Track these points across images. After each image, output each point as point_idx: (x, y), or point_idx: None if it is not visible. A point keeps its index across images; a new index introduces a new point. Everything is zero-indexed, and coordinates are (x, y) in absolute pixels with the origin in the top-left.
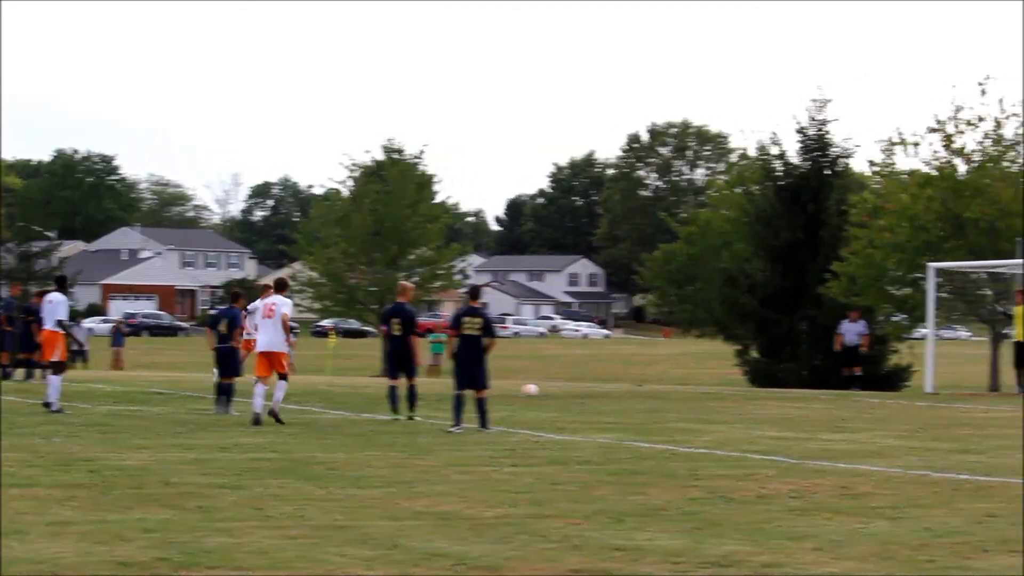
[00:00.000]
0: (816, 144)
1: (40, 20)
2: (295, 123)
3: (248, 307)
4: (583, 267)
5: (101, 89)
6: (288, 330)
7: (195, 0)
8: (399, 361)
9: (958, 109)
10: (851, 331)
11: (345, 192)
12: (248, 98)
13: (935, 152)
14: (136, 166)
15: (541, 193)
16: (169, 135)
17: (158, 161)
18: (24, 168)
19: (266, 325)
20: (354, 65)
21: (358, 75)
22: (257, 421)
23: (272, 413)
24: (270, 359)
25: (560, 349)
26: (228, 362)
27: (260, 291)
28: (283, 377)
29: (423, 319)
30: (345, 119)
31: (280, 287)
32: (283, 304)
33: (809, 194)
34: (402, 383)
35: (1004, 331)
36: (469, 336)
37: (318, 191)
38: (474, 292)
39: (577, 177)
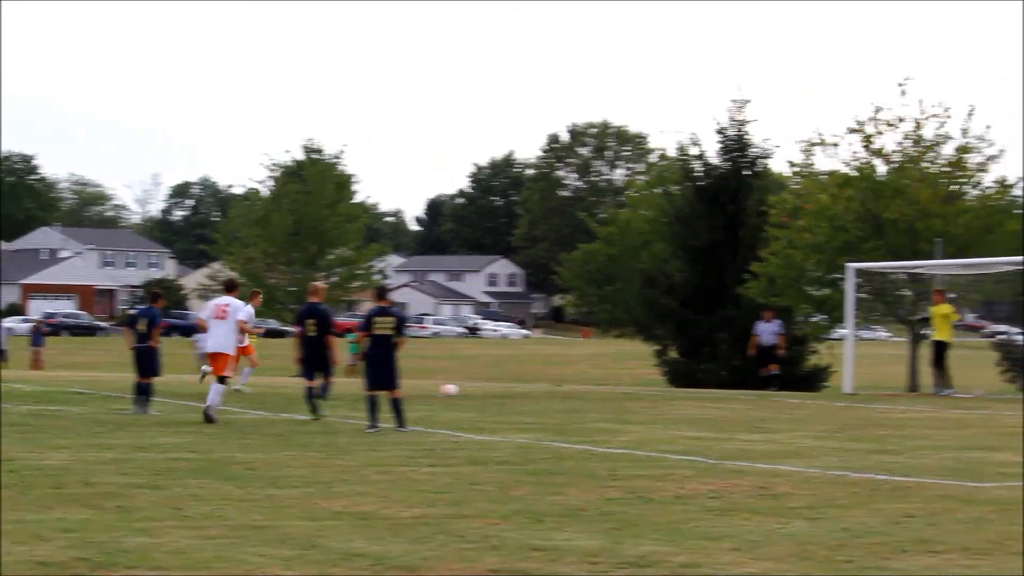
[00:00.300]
0: (735, 145)
1: None
2: (215, 123)
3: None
4: (502, 267)
5: (26, 83)
6: (243, 333)
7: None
8: (315, 361)
9: (878, 110)
10: (766, 331)
11: (265, 192)
12: (167, 97)
13: (855, 153)
14: (55, 165)
15: (461, 193)
16: (92, 133)
17: (78, 159)
18: None
19: (217, 326)
20: (274, 64)
21: (278, 74)
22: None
23: (205, 412)
24: (215, 360)
25: (479, 349)
26: (147, 362)
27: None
28: (222, 380)
29: (343, 319)
30: (265, 119)
31: (230, 288)
32: (239, 308)
33: (728, 195)
34: (318, 383)
35: (923, 331)
36: (381, 336)
37: (238, 191)
38: (381, 292)
39: (497, 177)
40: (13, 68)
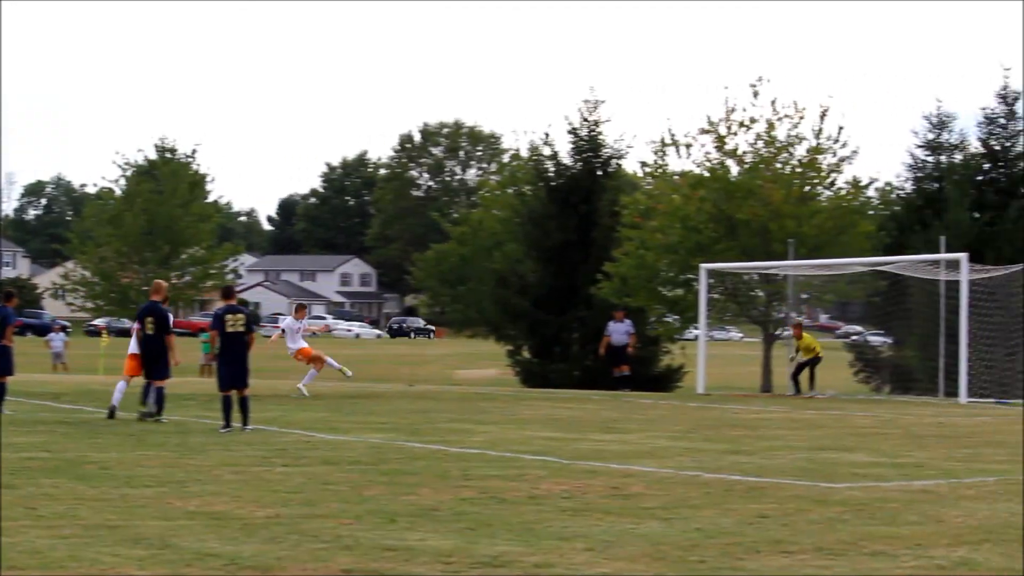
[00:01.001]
0: (588, 145)
1: None
2: (69, 121)
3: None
4: (355, 267)
5: None
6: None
7: None
8: (150, 360)
9: (731, 110)
10: (618, 331)
11: (118, 191)
12: (21, 96)
13: (707, 153)
14: None
15: (313, 193)
16: None
17: None
18: None
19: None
20: (126, 62)
21: (130, 73)
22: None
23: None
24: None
25: (332, 349)
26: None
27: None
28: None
29: (196, 318)
30: (118, 118)
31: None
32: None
33: (581, 195)
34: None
35: (776, 332)
36: (234, 334)
37: (91, 190)
38: (228, 291)
39: (349, 177)
40: None
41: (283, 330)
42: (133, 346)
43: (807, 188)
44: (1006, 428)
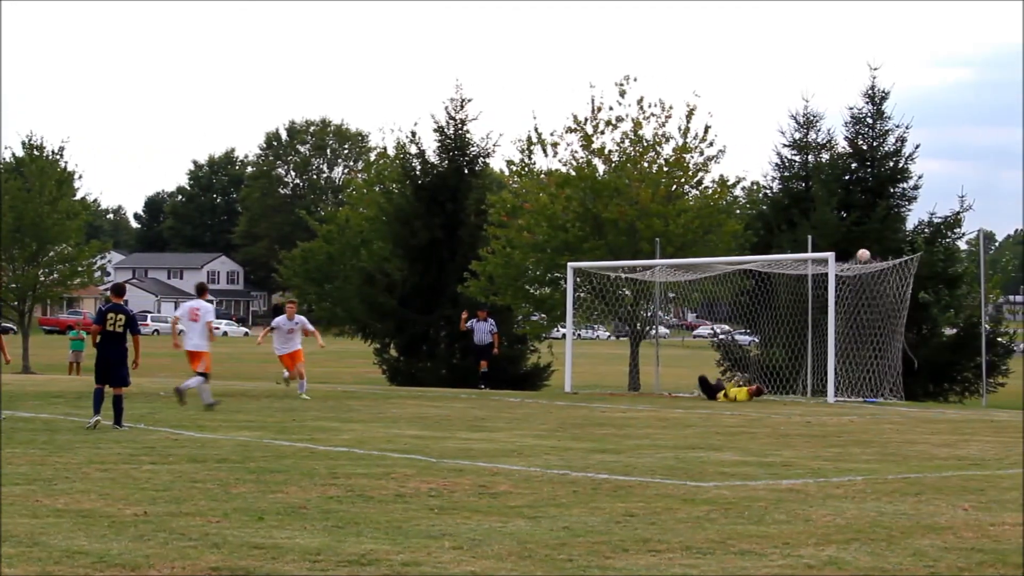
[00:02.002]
0: (454, 143)
1: None
2: None
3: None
4: (222, 265)
5: None
6: (211, 332)
7: None
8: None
9: (597, 109)
10: (481, 330)
11: None
12: None
13: (574, 152)
14: None
15: (180, 190)
16: None
17: None
18: None
19: (192, 327)
20: None
21: None
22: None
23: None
24: (193, 357)
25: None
26: None
27: None
28: (203, 375)
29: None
30: None
31: (200, 291)
32: (207, 311)
33: (447, 193)
34: None
35: (646, 330)
36: (113, 332)
37: None
38: (117, 289)
39: (216, 175)
40: None
41: (272, 328)
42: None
43: (674, 187)
44: (873, 427)
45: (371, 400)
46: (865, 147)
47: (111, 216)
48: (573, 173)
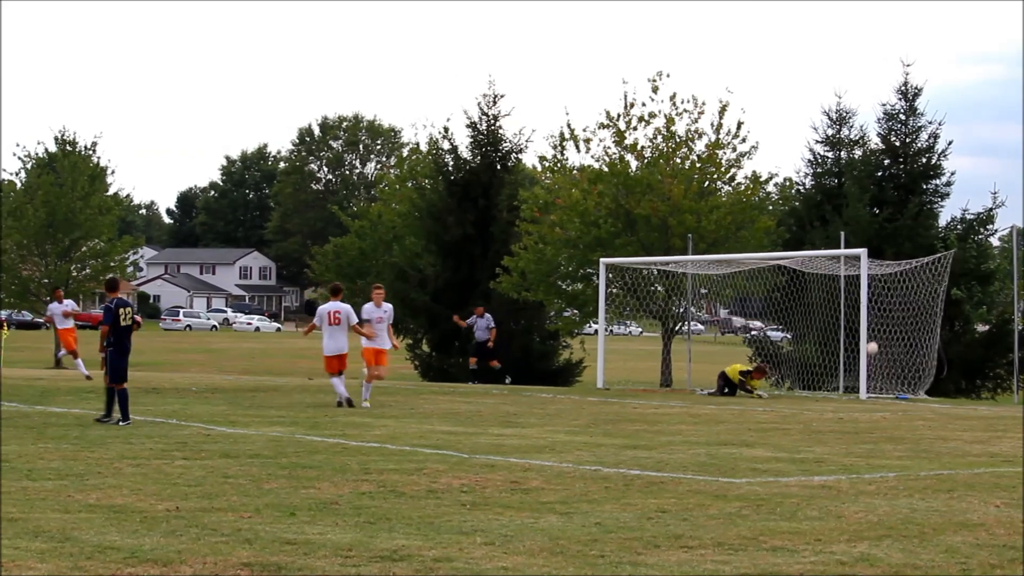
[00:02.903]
0: (487, 139)
1: None
2: None
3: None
4: (255, 260)
5: None
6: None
7: None
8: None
9: (630, 105)
10: (480, 327)
11: (18, 184)
12: None
13: (606, 148)
14: None
15: (213, 186)
16: None
17: None
18: None
19: (333, 331)
20: (24, 53)
21: (28, 63)
22: (350, 403)
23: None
24: (338, 360)
25: (231, 343)
26: None
27: None
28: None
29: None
30: (17, 109)
31: (335, 292)
32: (348, 312)
33: (479, 189)
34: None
35: (677, 328)
36: (127, 327)
37: None
38: (113, 283)
39: (249, 170)
40: None
41: (364, 320)
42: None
43: (706, 183)
44: (905, 424)
45: (403, 396)
46: (898, 143)
47: (144, 212)
48: (606, 169)
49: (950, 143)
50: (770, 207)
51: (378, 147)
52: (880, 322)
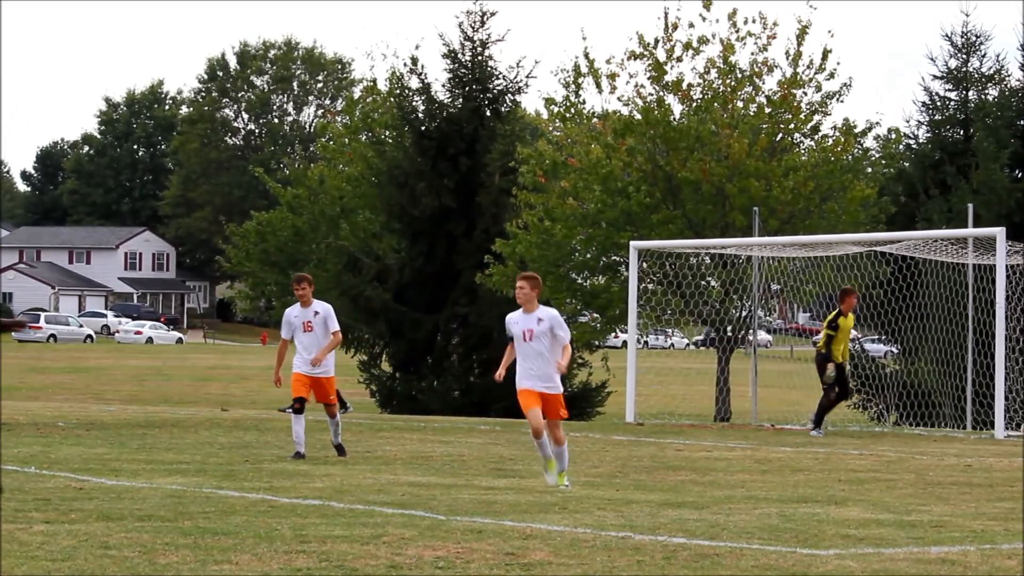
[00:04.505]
0: (471, 74)
1: None
2: None
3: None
4: (146, 244)
5: None
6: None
7: None
8: None
9: (672, 27)
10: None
11: None
12: None
13: (639, 87)
14: None
15: (87, 140)
16: None
17: None
18: None
19: (308, 342)
20: None
21: None
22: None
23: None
24: (315, 384)
25: (114, 359)
26: None
27: None
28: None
29: None
30: None
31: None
32: (327, 313)
33: (461, 144)
34: None
35: (739, 338)
36: None
37: None
38: None
39: (137, 118)
40: None
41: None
42: None
43: (779, 136)
44: None
45: (354, 433)
46: None
47: None
48: (638, 116)
49: None
50: (869, 169)
51: (319, 86)
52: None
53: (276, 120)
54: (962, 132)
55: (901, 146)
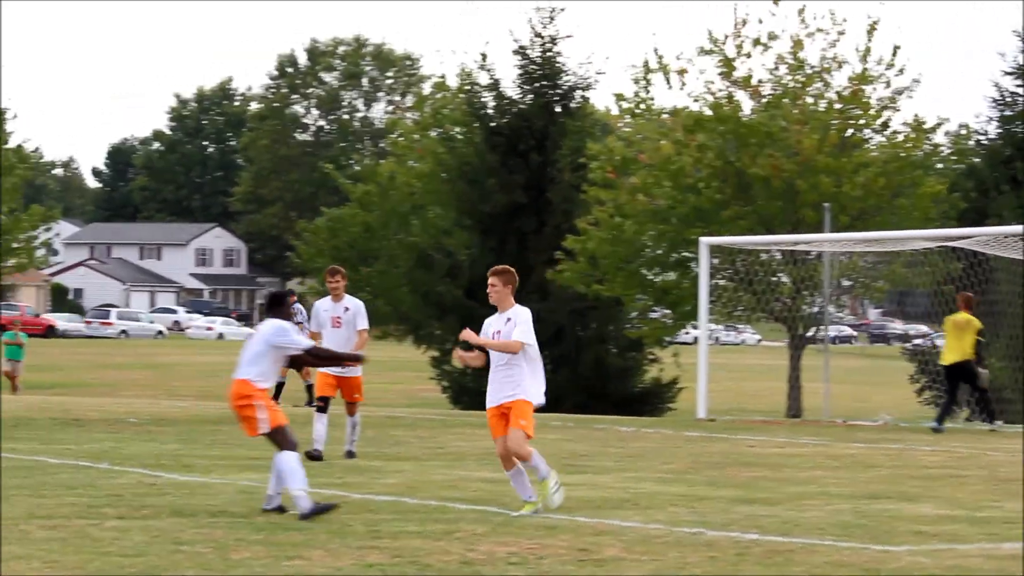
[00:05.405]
0: (541, 71)
1: None
2: None
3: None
4: (217, 240)
5: None
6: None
7: None
8: None
9: (742, 23)
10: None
11: None
12: None
13: (709, 83)
14: None
15: (157, 136)
16: None
17: None
18: None
19: (336, 338)
20: None
21: None
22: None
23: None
24: (341, 383)
25: (185, 355)
26: None
27: None
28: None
29: None
30: None
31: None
32: (357, 309)
33: (531, 141)
34: None
35: (809, 333)
36: None
37: None
38: None
39: (207, 114)
40: None
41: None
42: None
43: (850, 132)
44: None
45: (427, 429)
46: None
47: (59, 172)
48: (708, 112)
49: None
50: (939, 165)
51: (389, 82)
52: None
53: (346, 116)
54: None
55: (971, 142)
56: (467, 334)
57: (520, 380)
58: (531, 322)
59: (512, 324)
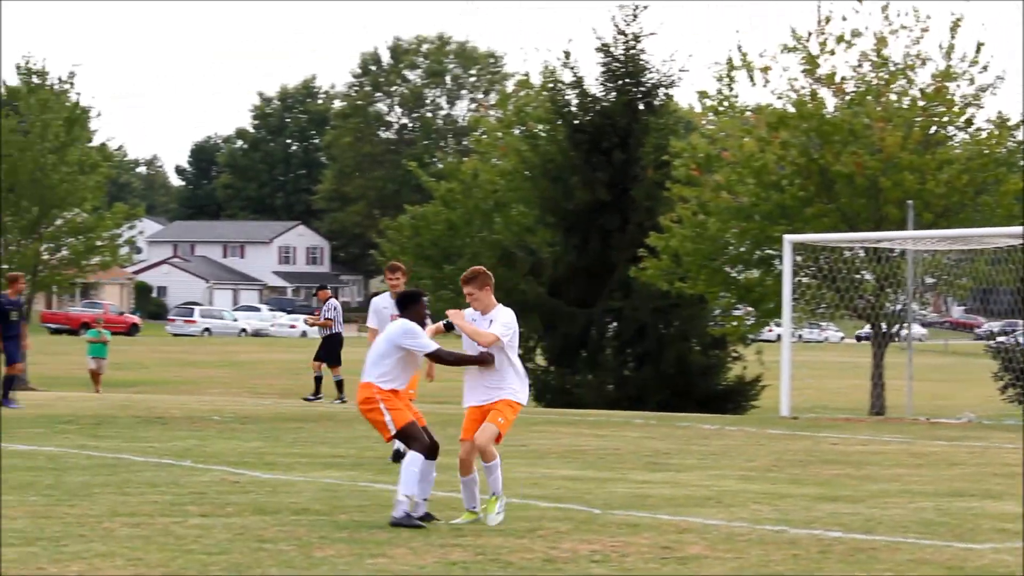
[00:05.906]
0: (625, 68)
1: None
2: None
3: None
4: (299, 238)
5: None
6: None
7: None
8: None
9: (825, 20)
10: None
11: None
12: None
13: (792, 81)
14: None
15: (240, 135)
16: None
17: None
18: None
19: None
20: None
21: None
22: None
23: None
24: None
25: (268, 353)
26: None
27: None
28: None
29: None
30: None
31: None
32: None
33: (615, 138)
34: None
35: (893, 331)
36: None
37: None
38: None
39: (291, 112)
40: None
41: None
42: None
43: (933, 129)
44: None
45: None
46: None
47: (143, 170)
48: (792, 109)
49: None
50: (1023, 162)
51: (472, 80)
52: None
53: (429, 114)
54: None
55: None
56: (453, 314)
57: (508, 379)
58: (514, 322)
59: (494, 323)
